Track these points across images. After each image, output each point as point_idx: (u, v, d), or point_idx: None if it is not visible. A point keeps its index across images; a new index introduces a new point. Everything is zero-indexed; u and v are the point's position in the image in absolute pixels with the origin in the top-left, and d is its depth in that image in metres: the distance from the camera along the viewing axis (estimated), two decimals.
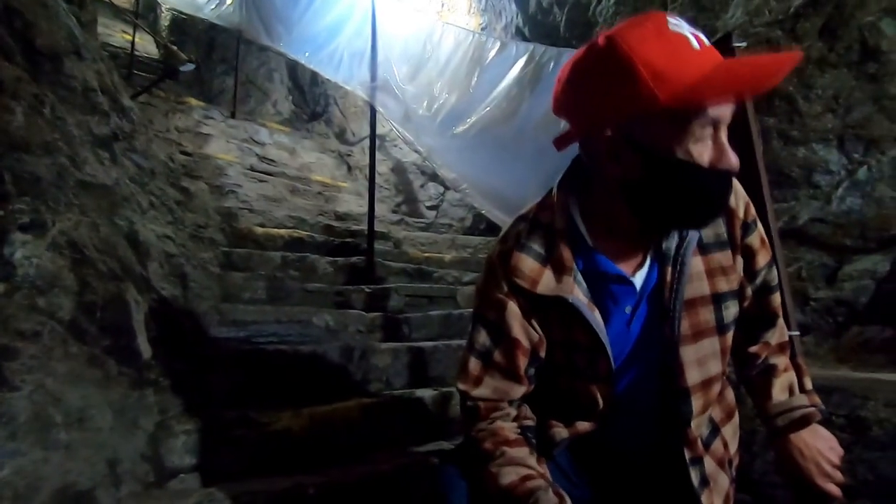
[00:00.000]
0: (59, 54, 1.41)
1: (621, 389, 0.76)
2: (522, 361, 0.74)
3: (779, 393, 0.80)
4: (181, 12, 6.10)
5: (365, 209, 3.75)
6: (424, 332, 2.50)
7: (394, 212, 4.65)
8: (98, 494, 1.01)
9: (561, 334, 0.74)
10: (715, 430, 0.80)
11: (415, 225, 4.20)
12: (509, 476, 0.68)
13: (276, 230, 3.02)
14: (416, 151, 2.62)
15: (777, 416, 0.79)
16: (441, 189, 4.47)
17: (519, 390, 0.76)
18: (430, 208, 4.60)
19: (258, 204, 3.40)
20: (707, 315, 0.73)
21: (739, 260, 0.76)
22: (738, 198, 0.76)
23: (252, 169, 3.98)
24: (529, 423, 0.78)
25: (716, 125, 0.61)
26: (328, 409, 1.62)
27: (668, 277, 0.71)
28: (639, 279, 0.73)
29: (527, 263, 0.72)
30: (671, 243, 0.72)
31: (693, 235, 0.71)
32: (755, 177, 1.39)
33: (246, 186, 3.60)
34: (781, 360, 0.82)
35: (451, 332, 2.59)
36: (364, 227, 3.27)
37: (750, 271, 0.79)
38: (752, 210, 0.78)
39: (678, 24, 0.60)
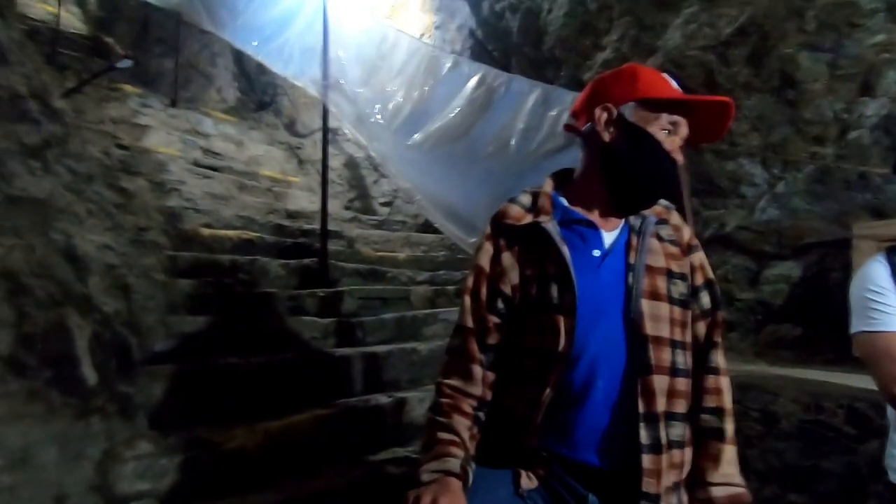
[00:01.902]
0: None
1: (588, 335, 0.84)
2: (484, 286, 0.93)
3: (726, 465, 0.87)
4: None
5: (317, 206, 3.68)
6: (378, 336, 2.53)
7: (346, 208, 4.60)
8: None
9: (536, 269, 0.90)
10: (679, 444, 0.85)
11: (368, 222, 4.17)
12: (443, 433, 0.86)
13: (224, 231, 2.93)
14: (369, 156, 2.61)
15: (719, 486, 0.85)
16: (394, 185, 4.46)
17: (477, 310, 0.93)
18: (383, 205, 4.58)
19: (204, 202, 3.26)
20: (661, 283, 0.88)
21: (687, 260, 0.94)
22: (684, 226, 0.99)
23: (196, 164, 3.80)
24: (484, 409, 0.91)
25: (675, 128, 0.89)
26: (283, 424, 1.64)
27: (634, 242, 0.90)
28: (610, 238, 0.91)
29: (513, 209, 0.96)
30: (636, 222, 0.92)
31: (651, 218, 0.92)
32: (679, 198, 1.49)
33: (190, 183, 3.44)
34: (730, 428, 0.90)
35: (405, 334, 2.63)
36: (316, 225, 3.23)
37: (691, 287, 0.94)
38: (696, 241, 0.99)
39: (667, 76, 0.93)
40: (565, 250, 0.86)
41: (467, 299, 0.94)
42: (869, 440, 1.64)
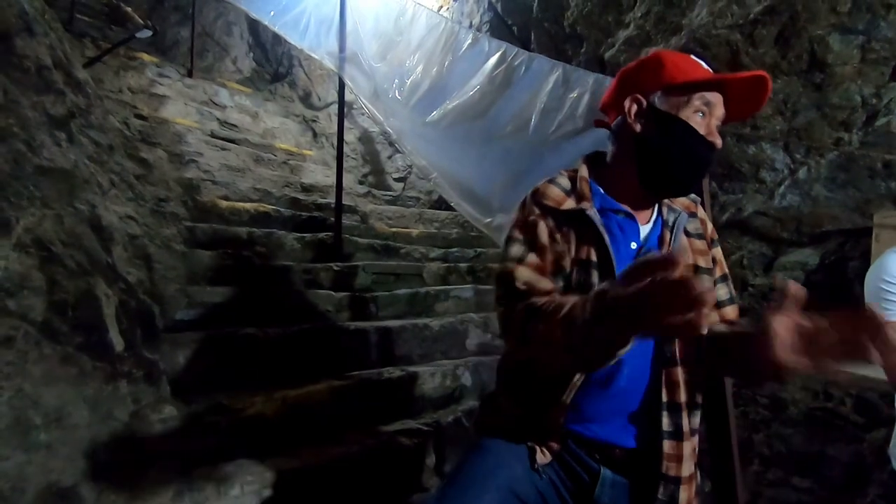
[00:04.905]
0: (9, 33, 1.33)
1: None
2: (549, 263, 0.91)
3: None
4: None
5: (331, 180, 3.70)
6: (391, 311, 2.58)
7: (360, 183, 4.61)
8: (81, 490, 1.05)
9: (577, 253, 0.90)
10: (696, 431, 0.90)
11: (382, 198, 4.18)
12: (567, 303, 0.71)
13: (240, 204, 2.96)
14: (385, 132, 2.60)
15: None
16: (409, 161, 4.45)
17: (546, 285, 0.85)
18: (397, 180, 4.58)
19: (221, 174, 3.29)
20: None
21: (711, 253, 0.97)
22: (707, 220, 1.01)
23: (213, 135, 3.82)
24: None
25: (709, 108, 0.87)
26: (300, 393, 1.69)
27: (667, 238, 0.92)
28: (644, 231, 0.93)
29: (554, 190, 0.94)
30: (670, 217, 0.93)
31: (684, 215, 0.94)
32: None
33: (207, 155, 3.46)
34: None
35: (418, 310, 2.68)
36: (330, 199, 3.26)
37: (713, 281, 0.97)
38: (716, 234, 1.02)
39: (696, 57, 0.91)
40: (608, 238, 0.88)
41: (525, 270, 0.86)
42: (876, 429, 1.65)
